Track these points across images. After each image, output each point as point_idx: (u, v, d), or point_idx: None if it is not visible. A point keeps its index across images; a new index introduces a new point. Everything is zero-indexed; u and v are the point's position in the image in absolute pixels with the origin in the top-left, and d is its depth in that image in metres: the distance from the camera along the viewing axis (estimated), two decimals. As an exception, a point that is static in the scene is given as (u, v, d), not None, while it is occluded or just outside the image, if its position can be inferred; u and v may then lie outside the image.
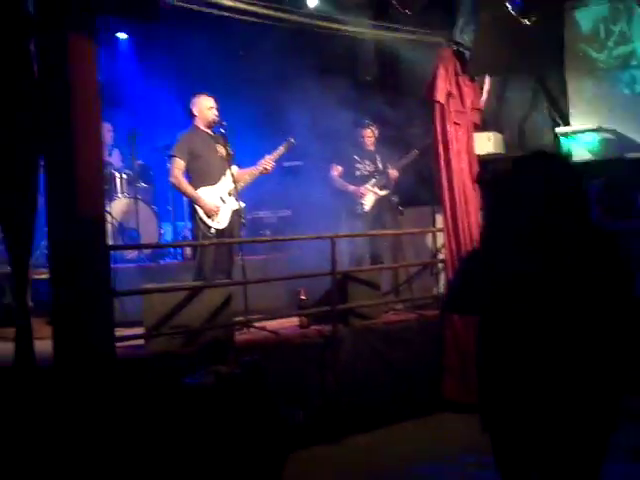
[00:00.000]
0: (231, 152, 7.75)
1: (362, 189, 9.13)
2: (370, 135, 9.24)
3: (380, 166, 9.24)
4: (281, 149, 8.03)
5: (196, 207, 7.61)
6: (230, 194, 7.72)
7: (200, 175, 7.68)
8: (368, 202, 9.16)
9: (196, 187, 7.64)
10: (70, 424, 5.25)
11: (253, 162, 8.07)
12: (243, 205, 7.76)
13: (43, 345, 5.47)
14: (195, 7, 6.48)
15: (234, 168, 7.79)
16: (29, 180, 5.30)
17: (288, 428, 6.08)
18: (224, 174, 7.73)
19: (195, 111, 7.77)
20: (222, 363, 6.08)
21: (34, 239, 5.46)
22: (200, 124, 7.79)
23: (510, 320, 3.38)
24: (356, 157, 9.21)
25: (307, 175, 9.70)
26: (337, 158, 9.20)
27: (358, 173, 9.19)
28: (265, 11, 7.00)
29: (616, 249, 3.35)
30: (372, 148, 9.31)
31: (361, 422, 7.39)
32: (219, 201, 7.66)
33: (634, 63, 9.58)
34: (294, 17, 7.33)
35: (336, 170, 9.15)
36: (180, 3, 6.27)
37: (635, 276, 3.37)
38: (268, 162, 7.94)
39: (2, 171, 5.24)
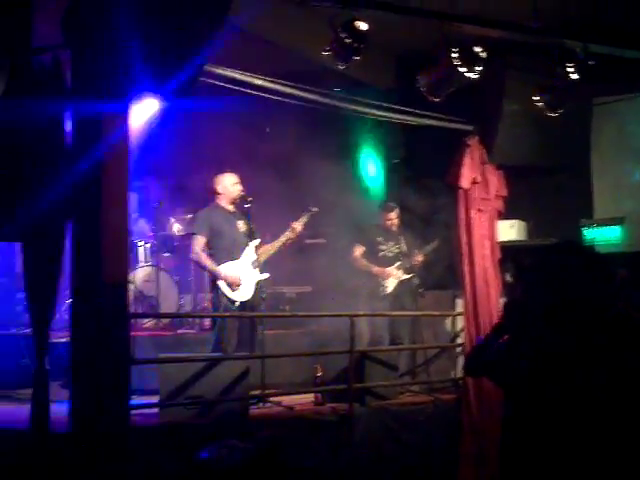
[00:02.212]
0: (253, 226, 7.86)
1: (387, 271, 9.17)
2: (394, 217, 9.30)
3: (405, 249, 9.27)
4: (305, 217, 8.11)
5: (218, 282, 7.68)
6: (254, 265, 7.80)
7: (222, 252, 7.76)
8: (391, 284, 9.17)
9: (217, 262, 7.71)
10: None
11: (275, 237, 8.16)
12: (268, 275, 7.82)
13: (59, 408, 5.50)
14: (226, 85, 6.63)
15: (255, 242, 7.87)
16: (55, 245, 5.40)
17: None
18: (246, 249, 7.82)
19: (220, 189, 7.87)
20: (236, 436, 6.06)
21: (55, 302, 5.55)
22: (222, 201, 7.89)
23: (541, 407, 3.38)
24: (380, 239, 9.26)
25: (329, 253, 9.76)
26: (360, 238, 9.26)
27: (381, 254, 9.21)
28: (293, 91, 7.13)
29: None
30: (396, 230, 9.37)
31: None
32: (242, 274, 7.72)
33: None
34: (322, 98, 7.45)
35: (359, 251, 9.20)
36: (211, 81, 6.41)
37: None
38: (295, 227, 8.02)
39: (30, 233, 5.35)
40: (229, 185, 7.88)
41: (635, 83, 8.74)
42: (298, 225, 8.03)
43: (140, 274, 9.45)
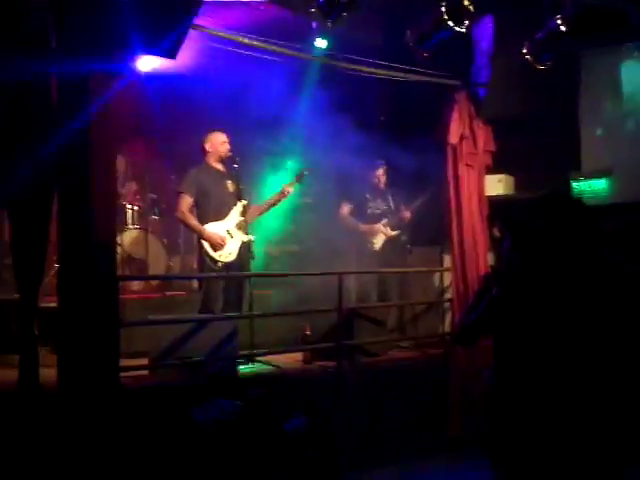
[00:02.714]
0: (241, 187, 7.81)
1: (374, 228, 9.16)
2: (382, 175, 9.28)
3: (392, 206, 9.27)
4: (295, 179, 8.11)
5: (202, 241, 7.65)
6: (239, 228, 7.76)
7: (208, 211, 7.74)
8: (378, 241, 9.19)
9: (203, 222, 7.68)
10: (73, 451, 5.27)
11: (264, 197, 8.13)
12: (252, 238, 7.79)
13: (48, 373, 5.50)
14: (212, 44, 6.55)
15: (242, 203, 7.83)
16: (42, 209, 5.36)
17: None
18: (233, 209, 7.78)
19: (208, 147, 7.84)
20: (226, 396, 6.09)
21: (43, 268, 5.51)
22: (211, 160, 7.85)
23: (526, 359, 3.42)
24: (368, 196, 9.24)
25: (317, 212, 9.74)
26: (348, 196, 9.23)
27: (369, 211, 9.22)
28: (281, 49, 7.06)
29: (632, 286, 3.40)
30: (384, 187, 9.35)
31: (364, 459, 7.37)
32: (226, 234, 7.69)
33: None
34: (309, 56, 7.39)
35: (346, 208, 9.18)
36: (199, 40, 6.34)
37: None
38: (286, 188, 8.02)
39: (16, 199, 5.30)
40: (217, 143, 7.85)
41: (622, 33, 8.66)
42: (289, 187, 8.02)
43: (128, 237, 9.41)
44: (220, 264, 7.63)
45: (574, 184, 9.82)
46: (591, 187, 9.82)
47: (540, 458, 3.37)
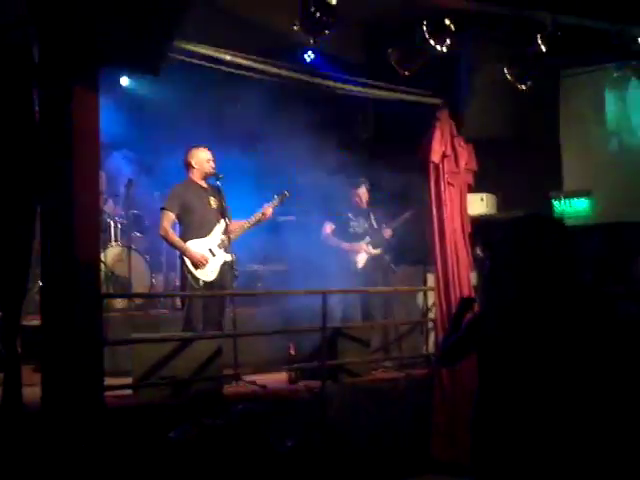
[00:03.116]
0: (225, 205, 7.79)
1: (356, 246, 9.16)
2: (364, 193, 9.29)
3: (374, 224, 9.28)
4: (276, 200, 8.08)
5: (185, 259, 7.60)
6: (221, 246, 7.72)
7: (191, 228, 7.68)
8: (361, 260, 9.18)
9: (186, 240, 7.62)
10: (56, 470, 5.21)
11: (245, 214, 8.11)
12: (234, 257, 7.74)
13: (31, 392, 5.44)
14: (195, 61, 6.55)
15: (226, 221, 7.80)
16: (24, 226, 5.32)
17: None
18: (216, 226, 7.74)
19: (193, 163, 7.79)
20: (210, 415, 6.05)
21: (26, 285, 5.47)
22: (195, 176, 7.80)
23: (507, 383, 3.41)
24: (350, 215, 9.24)
25: (300, 230, 9.73)
26: (330, 216, 9.23)
27: (351, 231, 9.20)
28: (263, 67, 7.08)
29: (608, 310, 3.40)
30: (365, 206, 9.35)
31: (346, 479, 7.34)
32: (208, 253, 7.64)
33: (628, 130, 9.72)
34: (292, 73, 7.40)
35: (329, 228, 9.18)
36: (181, 57, 6.33)
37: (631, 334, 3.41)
38: (266, 209, 8.00)
39: (-1, 217, 5.27)
40: (203, 160, 7.80)
41: (601, 54, 8.74)
42: (269, 209, 8.01)
43: (111, 254, 9.35)
44: (202, 282, 7.59)
45: (555, 203, 9.89)
46: (572, 207, 9.89)
47: None
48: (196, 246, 7.61)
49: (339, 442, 7.38)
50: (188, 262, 7.56)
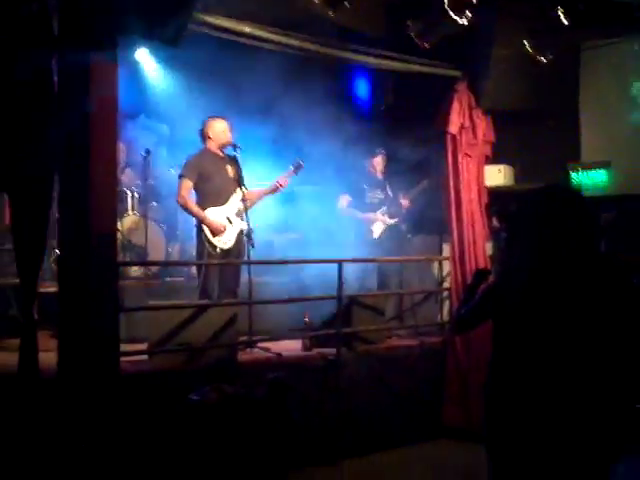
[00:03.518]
0: (241, 174, 7.84)
1: (372, 216, 9.18)
2: (379, 163, 9.30)
3: (390, 194, 9.29)
4: (291, 170, 8.11)
5: (202, 226, 7.66)
6: (238, 215, 7.78)
7: (208, 196, 7.74)
8: (377, 229, 9.21)
9: (204, 207, 7.69)
10: (72, 435, 5.31)
11: (261, 184, 8.15)
12: (251, 226, 7.81)
13: (48, 358, 5.53)
14: (215, 33, 6.55)
15: (243, 189, 7.86)
16: (43, 194, 5.37)
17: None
18: (233, 195, 7.81)
19: (210, 134, 7.83)
20: (225, 381, 6.13)
21: (44, 253, 5.54)
22: (212, 146, 7.85)
23: (522, 351, 3.45)
24: (366, 186, 9.25)
25: (317, 200, 9.76)
26: (346, 187, 9.25)
27: (368, 201, 9.23)
28: (283, 39, 7.07)
29: (627, 278, 3.43)
30: (381, 176, 9.36)
31: (359, 446, 7.42)
32: (226, 221, 7.71)
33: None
34: (312, 45, 7.39)
35: (345, 200, 9.19)
36: (200, 29, 6.34)
37: None
38: (282, 179, 8.04)
39: (18, 183, 5.32)
40: (219, 131, 7.84)
41: (623, 27, 8.68)
42: (284, 178, 8.04)
43: (127, 223, 9.41)
44: (219, 250, 7.66)
45: (573, 175, 9.86)
46: (590, 178, 9.86)
47: (535, 452, 3.40)
48: (214, 214, 7.67)
49: (353, 409, 7.47)
50: (206, 230, 7.63)
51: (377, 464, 7.36)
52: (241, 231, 7.77)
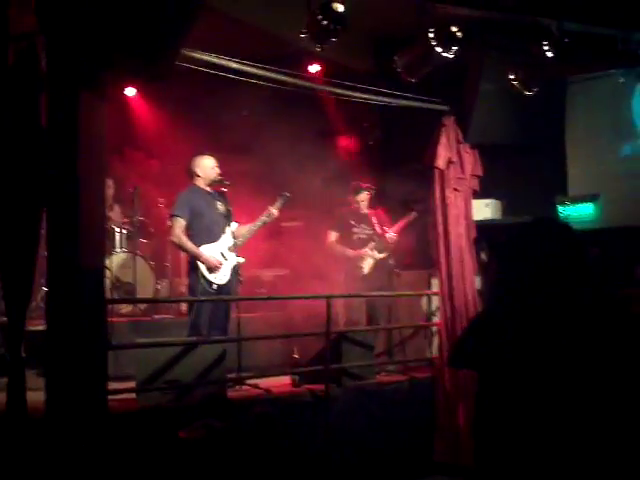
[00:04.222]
0: (230, 209, 7.84)
1: (362, 253, 9.16)
2: (364, 199, 9.26)
3: (377, 229, 9.28)
4: (279, 202, 8.10)
5: (198, 263, 7.64)
6: (231, 250, 7.78)
7: (201, 233, 7.72)
8: (367, 265, 9.17)
9: (198, 245, 7.66)
10: (60, 475, 5.24)
11: (250, 219, 8.16)
12: (243, 260, 7.80)
13: (36, 396, 5.46)
14: (202, 69, 6.57)
15: (233, 225, 7.86)
16: (31, 231, 5.35)
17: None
18: (224, 231, 7.80)
19: (199, 171, 7.82)
20: (215, 418, 6.09)
21: (32, 290, 5.50)
22: (201, 183, 7.84)
23: (514, 387, 3.42)
24: (352, 222, 9.24)
25: (305, 236, 9.75)
26: (332, 224, 9.23)
27: (355, 237, 9.19)
28: (270, 74, 7.10)
29: (627, 313, 3.41)
30: (366, 211, 9.33)
31: (350, 483, 7.38)
32: (221, 257, 7.70)
33: (633, 135, 9.74)
34: (300, 81, 7.43)
35: (333, 236, 9.17)
36: (188, 65, 6.35)
37: None
38: (271, 211, 8.03)
39: (4, 221, 5.29)
40: (208, 168, 7.84)
41: (608, 60, 8.76)
42: (274, 209, 8.03)
43: (116, 260, 9.39)
44: (215, 286, 7.64)
45: (561, 208, 9.90)
46: (578, 212, 9.90)
47: None
48: (209, 251, 7.66)
49: (343, 445, 7.42)
50: (202, 267, 7.60)
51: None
52: (234, 266, 7.75)
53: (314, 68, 7.83)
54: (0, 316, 6.14)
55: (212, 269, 7.62)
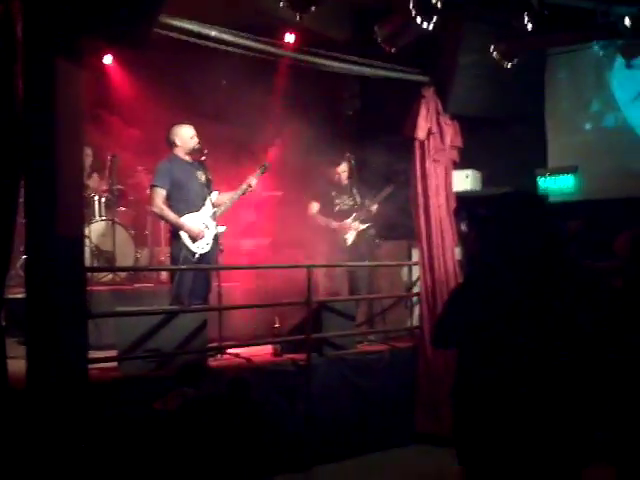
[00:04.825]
0: (210, 178, 7.83)
1: (345, 224, 9.18)
2: (345, 170, 9.25)
3: (358, 200, 9.29)
4: (259, 171, 8.11)
5: (180, 233, 7.64)
6: (212, 219, 7.78)
7: (183, 203, 7.71)
8: (350, 237, 9.18)
9: (180, 215, 7.66)
10: (40, 443, 5.25)
11: (229, 187, 8.16)
12: (224, 229, 7.82)
13: (16, 364, 5.47)
14: (181, 36, 6.54)
15: (214, 194, 7.86)
16: (8, 199, 5.32)
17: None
18: (205, 200, 7.79)
19: (178, 141, 7.79)
20: (194, 387, 6.12)
21: (10, 258, 5.49)
22: (180, 153, 7.82)
23: (488, 357, 3.46)
24: (333, 193, 9.26)
25: (286, 206, 9.76)
26: (314, 194, 9.26)
27: (337, 208, 9.21)
28: (249, 43, 7.07)
29: (597, 284, 3.45)
30: (347, 182, 9.33)
31: (331, 452, 7.42)
32: (202, 226, 7.71)
33: (612, 107, 9.78)
34: (278, 50, 7.41)
35: (314, 207, 9.19)
36: (166, 32, 6.33)
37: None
38: (251, 180, 8.04)
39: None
40: (187, 137, 7.82)
41: (587, 33, 8.76)
42: (253, 179, 8.04)
43: (96, 229, 9.37)
44: (197, 255, 7.65)
45: (540, 180, 9.94)
46: (557, 183, 9.94)
47: (503, 458, 3.42)
48: (191, 220, 7.66)
49: (324, 415, 7.47)
50: (184, 236, 7.60)
51: (349, 470, 7.37)
52: (215, 235, 7.76)
53: (291, 37, 7.74)
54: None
55: (195, 239, 7.63)
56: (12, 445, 5.19)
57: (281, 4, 6.61)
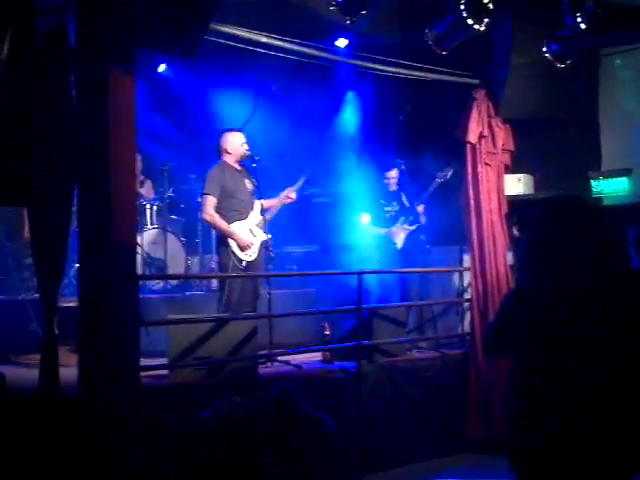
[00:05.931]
0: (257, 185, 7.85)
1: (394, 229, 9.15)
2: (394, 176, 9.26)
3: (406, 204, 9.25)
4: (301, 181, 8.11)
5: (228, 240, 7.65)
6: (259, 227, 7.79)
7: (232, 210, 7.77)
8: (399, 240, 9.15)
9: (229, 222, 7.71)
10: (93, 451, 5.27)
11: (275, 194, 8.16)
12: (270, 236, 7.82)
13: (68, 373, 5.50)
14: (231, 43, 6.55)
15: (262, 201, 7.87)
16: (62, 208, 5.37)
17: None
18: (253, 208, 7.81)
19: (229, 148, 7.84)
20: (245, 395, 6.08)
21: (64, 266, 5.52)
22: (230, 160, 7.86)
23: (545, 362, 3.39)
24: (382, 201, 9.25)
25: (335, 213, 9.74)
26: (364, 203, 9.22)
27: (387, 215, 9.23)
28: (300, 48, 7.06)
29: None
30: (395, 188, 9.31)
31: (381, 460, 7.36)
32: (251, 235, 7.72)
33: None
34: (329, 55, 7.39)
35: (365, 218, 9.19)
36: (217, 39, 6.33)
37: None
38: (290, 192, 8.06)
39: (37, 197, 5.31)
40: (238, 144, 7.85)
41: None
42: (294, 190, 8.08)
43: (147, 237, 9.43)
44: (245, 263, 7.65)
45: (594, 183, 9.78)
46: (611, 186, 9.77)
47: (558, 466, 3.34)
48: (240, 228, 7.68)
49: (375, 422, 7.40)
50: (233, 244, 7.63)
51: (400, 479, 7.29)
52: (261, 243, 7.76)
53: (342, 42, 7.70)
54: (33, 293, 6.18)
55: (244, 248, 7.64)
56: (66, 452, 5.21)
57: (331, 8, 6.59)
